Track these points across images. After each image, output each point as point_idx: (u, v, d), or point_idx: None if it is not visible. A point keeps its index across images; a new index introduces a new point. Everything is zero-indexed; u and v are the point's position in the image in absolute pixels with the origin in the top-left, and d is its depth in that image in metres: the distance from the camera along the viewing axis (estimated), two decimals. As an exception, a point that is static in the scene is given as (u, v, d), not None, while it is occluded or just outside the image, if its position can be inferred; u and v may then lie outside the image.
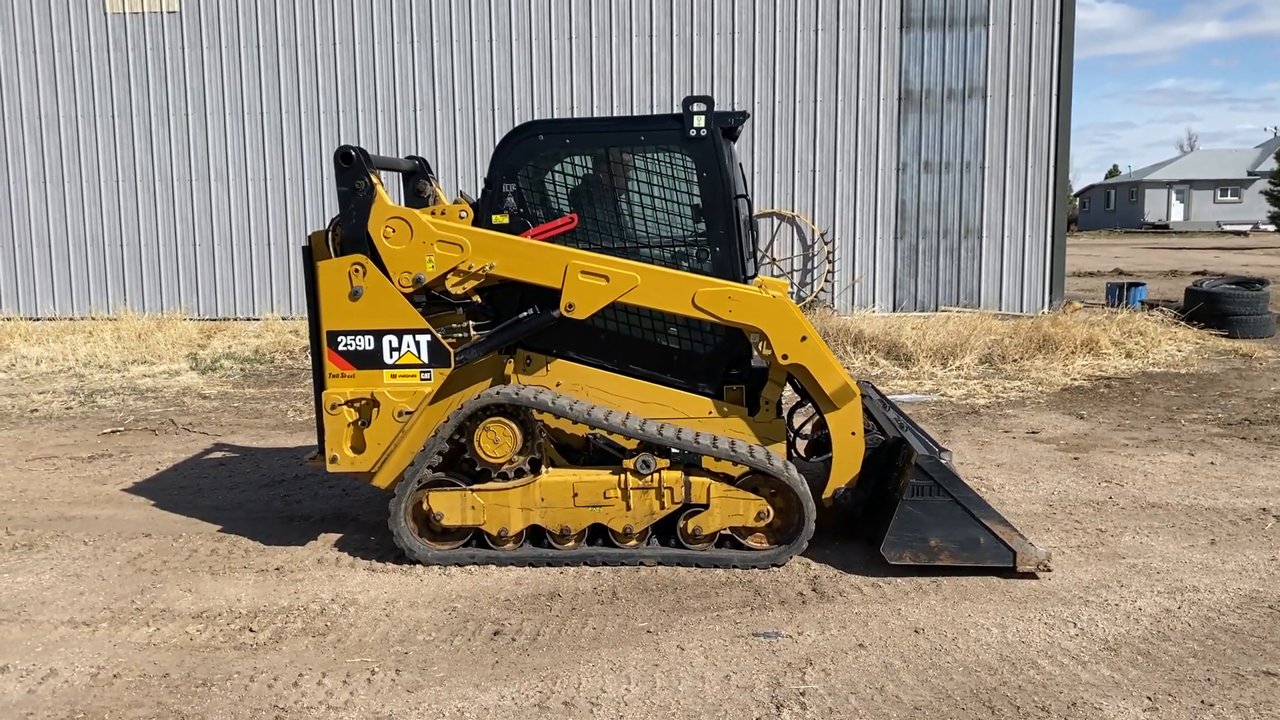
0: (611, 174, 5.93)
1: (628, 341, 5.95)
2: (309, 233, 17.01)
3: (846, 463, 5.84)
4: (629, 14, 15.65)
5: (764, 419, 5.89)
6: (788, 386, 6.09)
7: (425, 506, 5.70)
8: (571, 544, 5.72)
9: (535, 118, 15.70)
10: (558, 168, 5.99)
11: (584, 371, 5.91)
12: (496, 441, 5.61)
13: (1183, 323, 14.59)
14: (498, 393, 5.60)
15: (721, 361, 5.96)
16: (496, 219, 5.79)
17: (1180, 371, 11.88)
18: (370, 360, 5.66)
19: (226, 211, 16.49)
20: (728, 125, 5.79)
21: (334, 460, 5.74)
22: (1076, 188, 78.79)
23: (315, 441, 8.98)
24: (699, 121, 5.67)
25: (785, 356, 5.60)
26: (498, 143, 5.93)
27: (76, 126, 16.53)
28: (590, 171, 6.01)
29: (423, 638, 4.81)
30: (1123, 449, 8.31)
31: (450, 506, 5.68)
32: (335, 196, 5.73)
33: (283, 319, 15.84)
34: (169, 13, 16.18)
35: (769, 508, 5.61)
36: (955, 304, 15.72)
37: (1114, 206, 71.99)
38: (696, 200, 5.82)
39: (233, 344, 14.22)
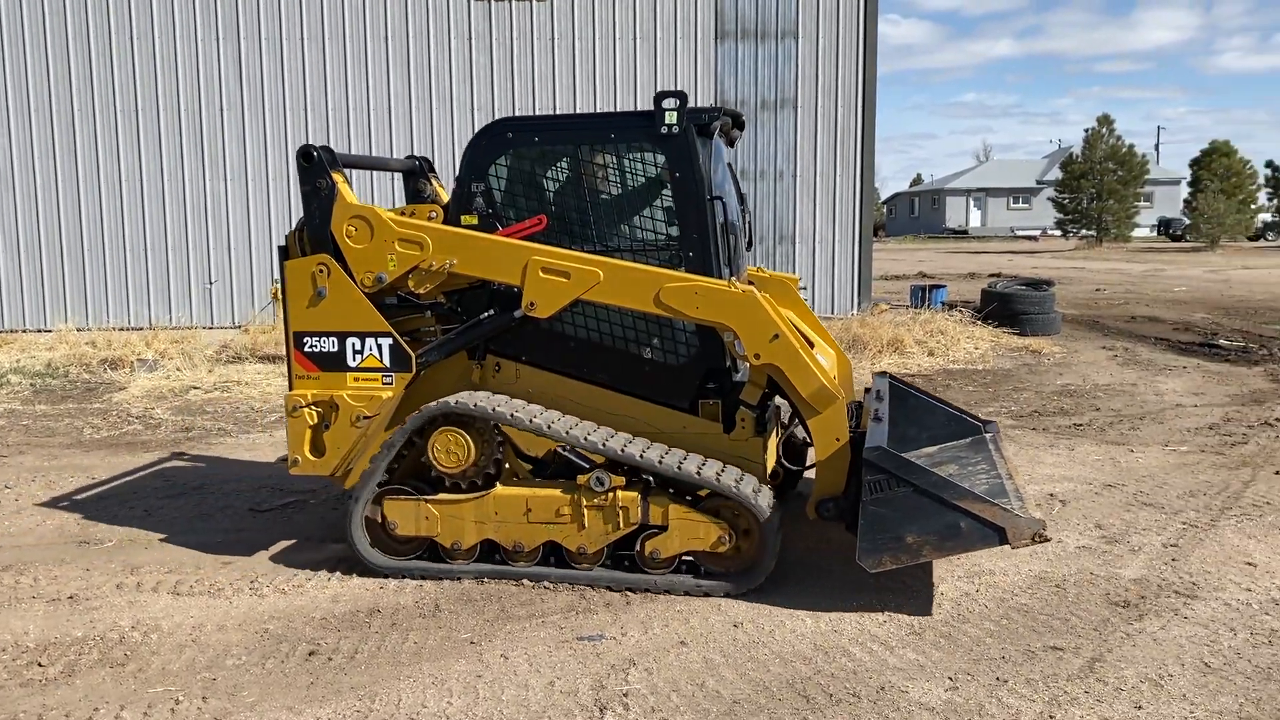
0: (582, 173, 5.70)
1: (599, 351, 5.71)
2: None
3: (831, 472, 5.33)
4: (446, 16, 15.43)
5: (739, 436, 5.54)
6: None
7: (379, 516, 5.51)
8: (524, 562, 5.47)
9: (352, 120, 15.31)
10: (527, 166, 5.75)
11: (553, 381, 5.71)
12: (449, 451, 5.41)
13: (979, 322, 15.55)
14: (440, 403, 5.40)
15: (695, 374, 5.67)
16: (466, 219, 5.62)
17: (978, 368, 12.65)
18: (334, 362, 5.58)
19: (12, 213, 15.28)
20: (701, 122, 5.52)
21: (295, 463, 5.60)
22: (884, 195, 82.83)
23: (114, 460, 8.49)
24: (670, 118, 5.38)
25: (757, 356, 5.25)
26: (468, 141, 5.73)
27: None
28: (560, 170, 5.77)
29: (232, 662, 4.60)
30: (926, 443, 8.75)
31: (404, 516, 5.48)
32: (144, 199, 5.43)
33: (78, 330, 14.81)
34: (-60, 0, 14.89)
35: (730, 531, 5.22)
36: (772, 307, 16.19)
37: (918, 213, 76.10)
38: (669, 201, 5.56)
39: (21, 357, 13.24)
